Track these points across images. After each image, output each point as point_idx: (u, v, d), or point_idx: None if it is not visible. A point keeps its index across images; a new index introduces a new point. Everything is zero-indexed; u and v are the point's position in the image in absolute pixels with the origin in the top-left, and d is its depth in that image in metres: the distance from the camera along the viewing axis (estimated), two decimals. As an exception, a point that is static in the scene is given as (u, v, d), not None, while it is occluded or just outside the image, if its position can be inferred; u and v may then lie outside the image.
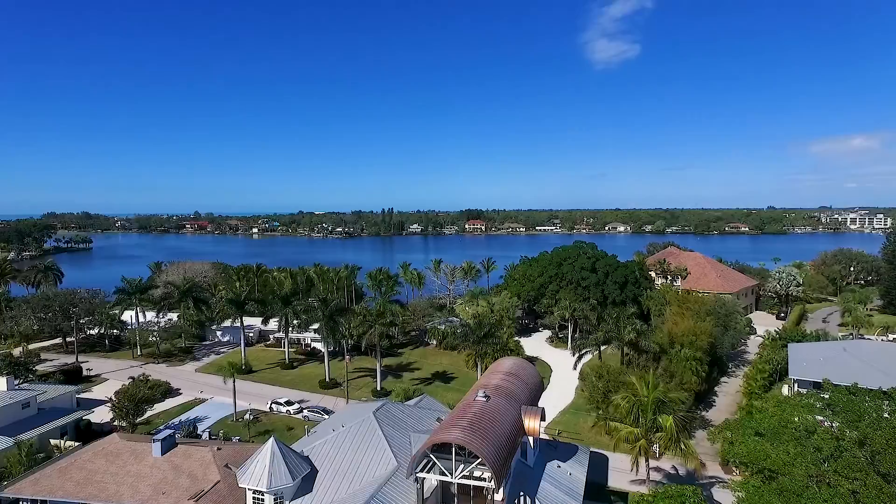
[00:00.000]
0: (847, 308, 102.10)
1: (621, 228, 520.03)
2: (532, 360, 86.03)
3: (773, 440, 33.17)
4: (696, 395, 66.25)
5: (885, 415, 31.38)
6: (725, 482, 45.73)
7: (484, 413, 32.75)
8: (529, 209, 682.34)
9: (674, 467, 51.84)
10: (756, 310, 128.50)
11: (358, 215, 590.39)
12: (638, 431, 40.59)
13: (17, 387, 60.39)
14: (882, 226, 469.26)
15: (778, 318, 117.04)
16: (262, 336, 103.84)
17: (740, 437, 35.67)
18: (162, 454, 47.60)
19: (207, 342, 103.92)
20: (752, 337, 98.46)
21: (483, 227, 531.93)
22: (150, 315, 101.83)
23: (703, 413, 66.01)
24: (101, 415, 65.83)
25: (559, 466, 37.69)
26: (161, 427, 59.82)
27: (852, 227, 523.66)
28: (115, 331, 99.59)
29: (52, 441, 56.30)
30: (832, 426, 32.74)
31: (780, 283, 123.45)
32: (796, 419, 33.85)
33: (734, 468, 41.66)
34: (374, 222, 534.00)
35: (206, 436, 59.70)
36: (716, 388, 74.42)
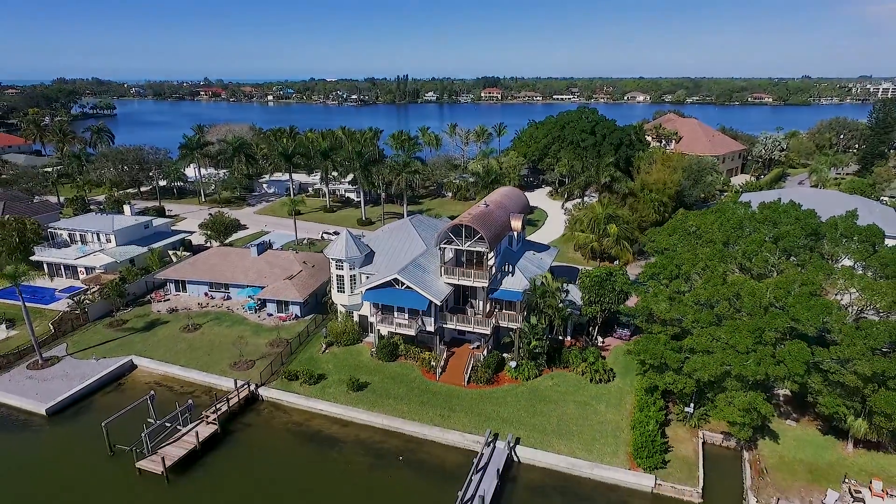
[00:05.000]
0: (813, 169, 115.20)
1: (640, 98, 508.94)
2: (533, 208, 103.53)
3: (673, 234, 50.53)
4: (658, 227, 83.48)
5: (746, 219, 47.98)
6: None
7: (484, 213, 50.14)
8: (549, 77, 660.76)
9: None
10: (741, 173, 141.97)
11: (372, 82, 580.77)
12: (593, 237, 58.35)
13: (135, 213, 79.62)
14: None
15: (757, 179, 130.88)
16: (302, 188, 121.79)
17: (657, 236, 53.21)
18: (258, 255, 67.47)
19: (256, 193, 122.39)
20: (728, 192, 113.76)
21: (499, 96, 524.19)
22: (209, 170, 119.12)
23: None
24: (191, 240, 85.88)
25: (535, 254, 56.10)
26: (242, 246, 79.57)
27: (883, 98, 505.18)
28: (180, 182, 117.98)
29: (170, 251, 76.68)
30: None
31: (766, 147, 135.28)
32: (690, 222, 50.85)
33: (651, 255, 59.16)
34: (389, 90, 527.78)
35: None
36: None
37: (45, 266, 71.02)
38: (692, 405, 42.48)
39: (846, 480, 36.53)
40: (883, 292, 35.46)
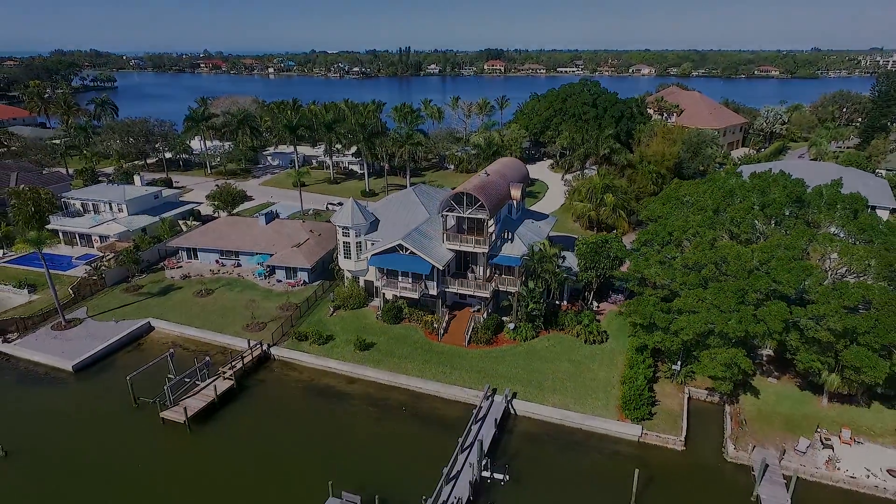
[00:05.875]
0: (813, 142, 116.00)
1: (645, 71, 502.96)
2: (534, 180, 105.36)
3: (667, 203, 52.51)
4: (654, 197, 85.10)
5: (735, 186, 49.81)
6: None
7: (485, 182, 52.10)
8: (553, 49, 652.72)
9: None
10: (742, 146, 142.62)
11: (374, 55, 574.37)
12: (590, 206, 60.30)
13: (145, 184, 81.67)
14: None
15: (758, 152, 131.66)
16: (306, 160, 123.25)
17: (652, 205, 55.19)
18: (266, 224, 69.72)
19: (260, 165, 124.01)
20: (727, 165, 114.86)
21: (502, 68, 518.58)
22: (213, 142, 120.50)
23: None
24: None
25: (533, 222, 58.21)
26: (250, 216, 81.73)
27: (890, 69, 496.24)
28: (185, 154, 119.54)
29: (180, 221, 78.93)
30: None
31: (767, 121, 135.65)
32: (684, 192, 52.76)
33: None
34: (391, 62, 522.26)
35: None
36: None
37: (60, 234, 73.43)
38: (679, 363, 45.12)
39: (818, 430, 39.33)
40: (859, 256, 37.59)
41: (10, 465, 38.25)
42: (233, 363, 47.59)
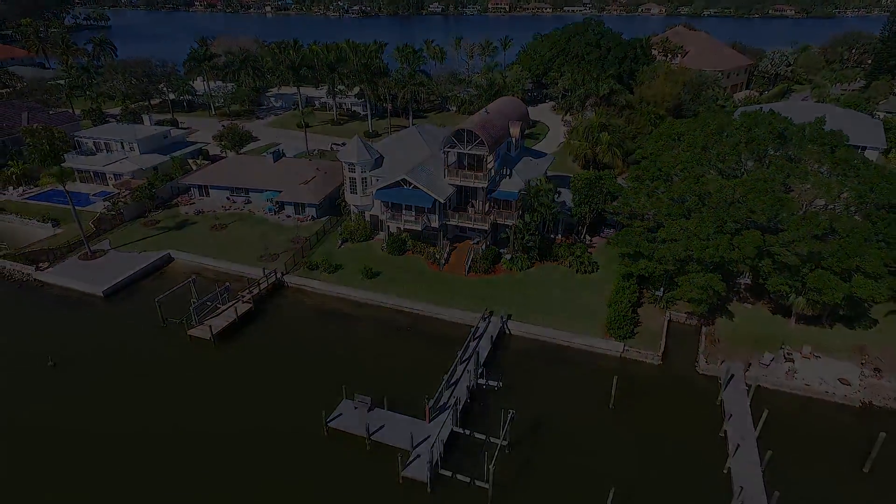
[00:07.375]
0: (816, 84, 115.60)
1: (655, 10, 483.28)
2: (535, 122, 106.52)
3: (659, 140, 54.80)
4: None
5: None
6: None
7: (485, 119, 54.23)
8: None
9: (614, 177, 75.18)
10: (747, 88, 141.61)
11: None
12: (586, 145, 62.52)
13: (153, 124, 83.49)
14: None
15: (760, 94, 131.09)
16: (309, 102, 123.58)
17: (645, 143, 57.46)
18: (274, 162, 72.21)
19: (263, 107, 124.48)
20: (727, 107, 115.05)
21: (507, 7, 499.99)
22: (216, 83, 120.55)
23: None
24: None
25: (531, 160, 60.68)
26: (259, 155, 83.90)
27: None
28: (188, 95, 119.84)
29: (189, 160, 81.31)
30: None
31: (772, 63, 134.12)
32: (676, 130, 54.92)
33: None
34: (392, 0, 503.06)
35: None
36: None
37: (75, 172, 75.99)
38: (662, 290, 48.89)
39: (783, 347, 43.52)
40: (830, 186, 40.40)
41: (60, 374, 42.95)
42: (250, 289, 51.61)
